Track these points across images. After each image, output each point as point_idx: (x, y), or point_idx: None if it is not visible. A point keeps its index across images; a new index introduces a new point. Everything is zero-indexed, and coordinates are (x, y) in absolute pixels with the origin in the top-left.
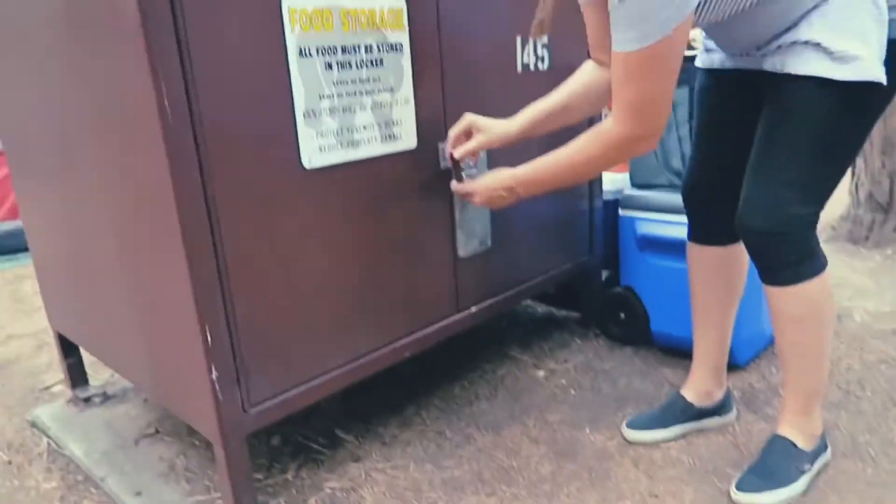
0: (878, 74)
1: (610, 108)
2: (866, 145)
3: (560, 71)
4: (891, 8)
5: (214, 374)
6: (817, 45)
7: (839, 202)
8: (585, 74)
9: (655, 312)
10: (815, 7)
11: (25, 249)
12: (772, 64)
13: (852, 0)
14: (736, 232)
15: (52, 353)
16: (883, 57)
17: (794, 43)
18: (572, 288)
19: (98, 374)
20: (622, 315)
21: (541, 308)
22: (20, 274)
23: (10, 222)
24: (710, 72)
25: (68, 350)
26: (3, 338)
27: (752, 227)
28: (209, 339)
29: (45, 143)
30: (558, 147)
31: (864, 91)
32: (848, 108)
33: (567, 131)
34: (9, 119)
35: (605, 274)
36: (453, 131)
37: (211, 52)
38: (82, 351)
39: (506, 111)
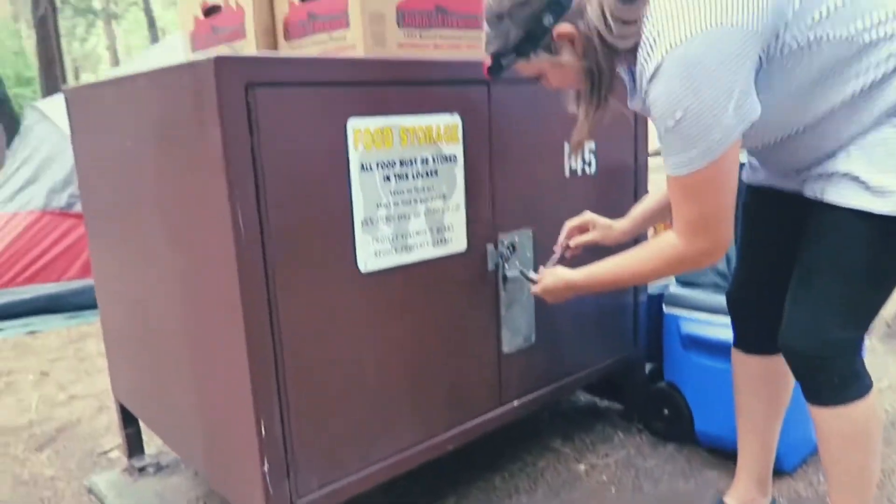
0: None
1: None
2: None
3: (606, 175)
4: None
5: (266, 467)
6: (855, 178)
7: (893, 300)
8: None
9: (700, 411)
10: (853, 140)
11: (92, 307)
12: (812, 190)
13: (890, 135)
14: None
15: (112, 415)
16: None
17: (833, 173)
18: (615, 379)
19: (152, 439)
20: (665, 411)
21: (583, 397)
22: (85, 332)
23: (81, 280)
24: (754, 188)
25: (128, 419)
26: (66, 398)
27: (793, 349)
28: (263, 432)
29: (123, 220)
30: None
31: None
32: (886, 240)
33: None
34: (91, 191)
35: (648, 367)
36: (571, 223)
37: (282, 172)
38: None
39: (553, 214)
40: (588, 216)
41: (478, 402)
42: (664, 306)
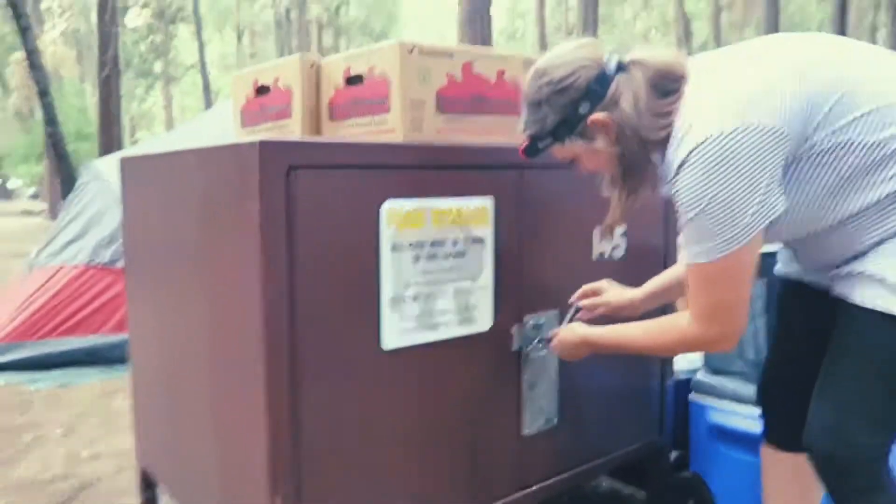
0: None
1: None
2: None
3: (634, 259)
4: None
5: None
6: (881, 279)
7: None
8: None
9: None
10: (881, 242)
11: (126, 361)
12: (840, 290)
13: None
14: None
15: (132, 476)
16: None
17: (860, 273)
18: (640, 465)
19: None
20: (690, 502)
21: (605, 482)
22: (116, 387)
23: (116, 335)
24: (787, 281)
25: (147, 482)
26: (89, 456)
27: (817, 451)
28: None
29: (161, 282)
30: None
31: None
32: None
33: None
34: (134, 253)
35: (675, 454)
36: (584, 288)
37: (315, 249)
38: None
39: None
40: (604, 281)
41: (498, 484)
42: (692, 393)
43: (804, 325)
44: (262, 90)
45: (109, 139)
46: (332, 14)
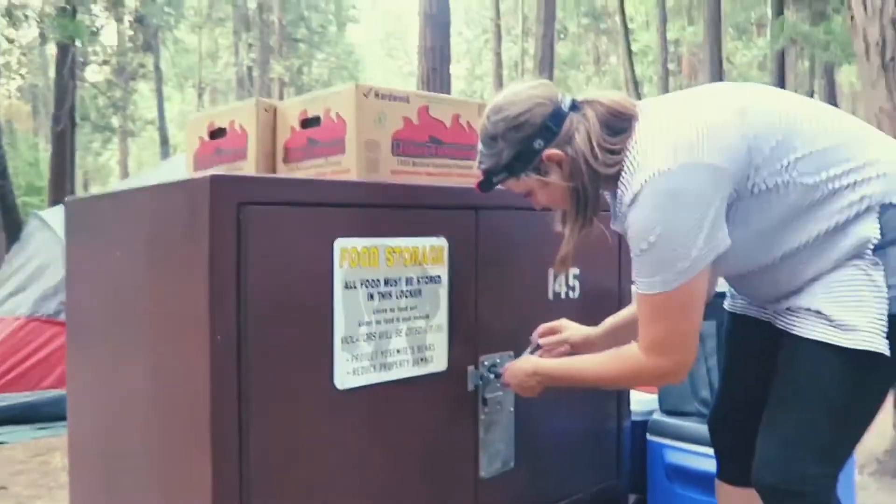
0: (880, 346)
1: None
2: None
3: (589, 299)
4: (890, 286)
5: None
6: (819, 312)
7: (884, 435)
8: None
9: None
10: (818, 278)
11: (63, 418)
12: (782, 324)
13: (853, 275)
14: None
15: None
16: (884, 331)
17: (799, 308)
18: None
19: None
20: None
21: None
22: (53, 445)
23: (54, 391)
24: (734, 315)
25: None
26: None
27: (764, 485)
28: None
29: (102, 334)
30: None
31: (869, 359)
32: (854, 374)
33: None
34: (76, 302)
35: (633, 498)
36: (543, 326)
37: (266, 286)
38: None
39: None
40: (562, 320)
41: None
42: (648, 434)
43: (750, 358)
44: (217, 133)
45: (61, 193)
46: (294, 74)
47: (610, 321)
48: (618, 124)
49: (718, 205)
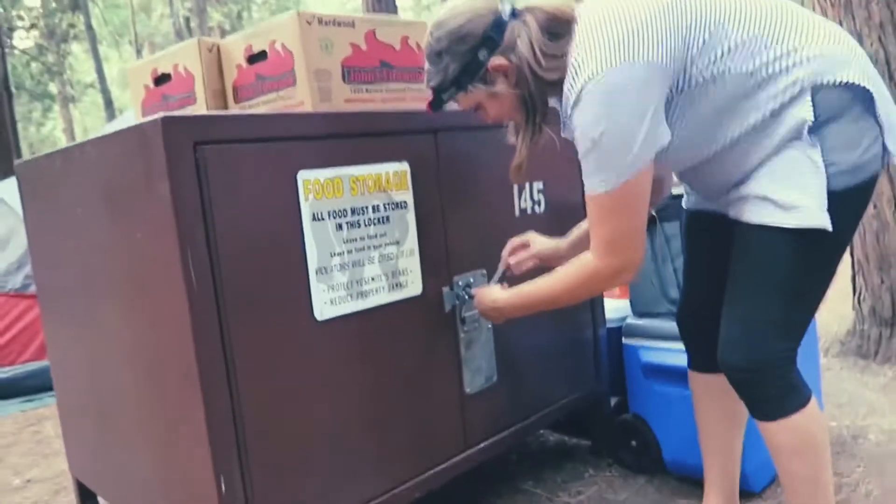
0: (822, 221)
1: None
2: (863, 262)
3: (555, 212)
4: (827, 164)
5: None
6: (765, 197)
7: (845, 317)
8: None
9: (666, 440)
10: (761, 164)
11: (48, 389)
12: (733, 212)
13: (793, 157)
14: None
15: (70, 497)
16: (825, 206)
17: (747, 196)
18: (582, 416)
19: None
20: (633, 443)
21: (552, 437)
22: (42, 415)
23: (35, 363)
24: (690, 211)
25: (85, 496)
26: (22, 483)
27: (730, 364)
28: (223, 488)
29: (76, 295)
30: None
31: (814, 236)
32: (802, 251)
33: None
34: (44, 267)
35: (614, 400)
36: (513, 240)
37: (234, 226)
38: (100, 499)
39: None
40: (530, 234)
41: (443, 446)
42: (623, 338)
43: (709, 251)
44: (161, 79)
45: (7, 165)
46: (234, 19)
47: (576, 231)
48: (558, 28)
49: (657, 100)
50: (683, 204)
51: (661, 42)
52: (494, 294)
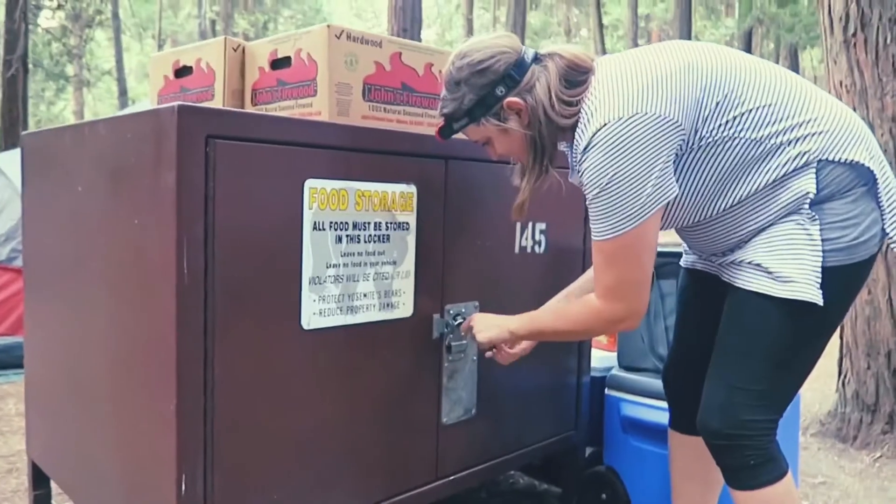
0: (814, 296)
1: None
2: (852, 346)
3: (555, 254)
4: (824, 241)
5: None
6: (759, 265)
7: (828, 398)
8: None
9: (637, 496)
10: (758, 232)
11: (16, 366)
12: (727, 276)
13: (791, 229)
14: None
15: (21, 479)
16: (818, 282)
17: (741, 261)
18: (555, 461)
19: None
20: (603, 496)
21: (523, 479)
22: (7, 391)
23: (6, 338)
24: (687, 270)
25: (38, 480)
26: None
27: (709, 430)
28: (183, 490)
29: (63, 272)
30: None
31: (805, 309)
32: (792, 323)
33: None
34: (35, 240)
35: (589, 450)
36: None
37: (234, 221)
38: (52, 484)
39: (501, 288)
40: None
41: (415, 473)
42: (606, 389)
43: (699, 311)
44: (182, 71)
45: (13, 139)
46: (259, 28)
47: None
48: (576, 77)
49: (667, 154)
50: (681, 262)
51: (675, 99)
52: (502, 318)
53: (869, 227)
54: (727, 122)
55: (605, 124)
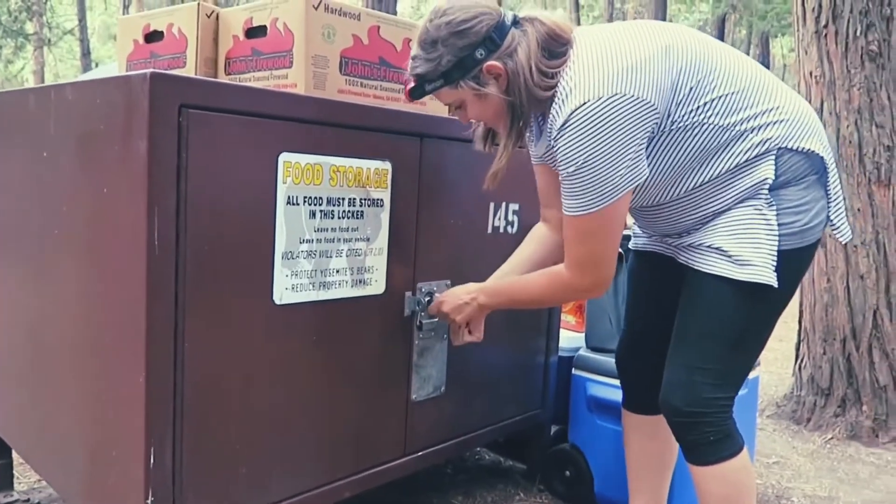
0: (769, 278)
1: None
2: (809, 331)
3: (526, 234)
4: (780, 225)
5: (150, 499)
6: (718, 248)
7: (783, 382)
8: (540, 243)
9: (600, 474)
10: (716, 215)
11: None
12: (684, 259)
13: (749, 214)
14: None
15: None
16: (774, 265)
17: (699, 244)
18: (521, 439)
19: (25, 475)
20: (567, 473)
21: (488, 455)
22: None
23: None
24: (637, 252)
25: None
26: None
27: (671, 407)
28: (152, 461)
29: (27, 239)
30: None
31: (760, 292)
32: (747, 302)
33: None
34: None
35: (555, 429)
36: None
37: (206, 193)
38: (14, 454)
39: (473, 267)
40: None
41: (383, 449)
42: (573, 369)
43: (651, 292)
44: (152, 36)
45: None
46: None
47: (502, 273)
48: (555, 48)
49: (641, 136)
50: (630, 244)
51: (653, 83)
52: (468, 287)
53: (818, 213)
54: (698, 107)
55: (584, 103)
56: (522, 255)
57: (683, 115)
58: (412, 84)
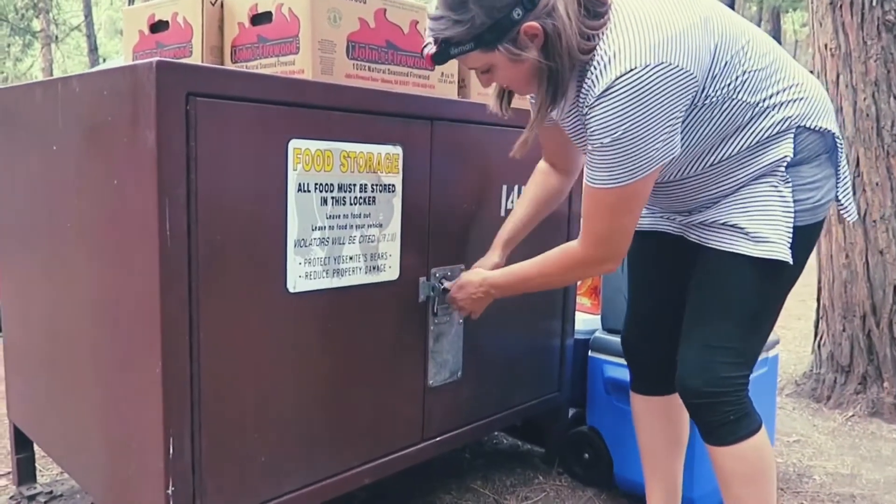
0: (786, 255)
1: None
2: (828, 308)
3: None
4: (796, 201)
5: (171, 490)
6: (734, 226)
7: (803, 360)
8: (544, 184)
9: (619, 456)
10: (732, 191)
11: None
12: (696, 237)
13: (765, 191)
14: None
15: (3, 441)
16: (790, 241)
17: (714, 222)
18: (539, 422)
19: (47, 468)
20: (586, 455)
21: (506, 440)
22: None
23: None
24: (641, 233)
25: (21, 444)
26: None
27: (688, 388)
28: (171, 451)
29: (40, 233)
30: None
31: (775, 268)
32: (764, 280)
33: None
34: (6, 200)
35: (573, 411)
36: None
37: (216, 182)
38: (35, 447)
39: (486, 252)
40: (467, 276)
41: (399, 435)
42: (590, 351)
43: (655, 274)
44: (158, 26)
45: None
46: None
47: (504, 236)
48: (595, 7)
49: (681, 109)
50: None
51: (696, 54)
52: (480, 273)
53: (829, 190)
54: (730, 83)
55: (632, 69)
56: (529, 199)
57: (717, 90)
58: (433, 49)
